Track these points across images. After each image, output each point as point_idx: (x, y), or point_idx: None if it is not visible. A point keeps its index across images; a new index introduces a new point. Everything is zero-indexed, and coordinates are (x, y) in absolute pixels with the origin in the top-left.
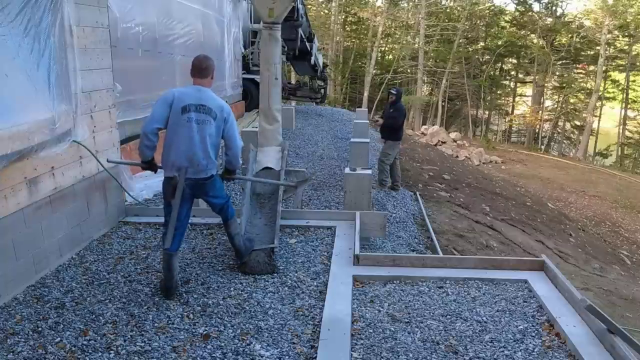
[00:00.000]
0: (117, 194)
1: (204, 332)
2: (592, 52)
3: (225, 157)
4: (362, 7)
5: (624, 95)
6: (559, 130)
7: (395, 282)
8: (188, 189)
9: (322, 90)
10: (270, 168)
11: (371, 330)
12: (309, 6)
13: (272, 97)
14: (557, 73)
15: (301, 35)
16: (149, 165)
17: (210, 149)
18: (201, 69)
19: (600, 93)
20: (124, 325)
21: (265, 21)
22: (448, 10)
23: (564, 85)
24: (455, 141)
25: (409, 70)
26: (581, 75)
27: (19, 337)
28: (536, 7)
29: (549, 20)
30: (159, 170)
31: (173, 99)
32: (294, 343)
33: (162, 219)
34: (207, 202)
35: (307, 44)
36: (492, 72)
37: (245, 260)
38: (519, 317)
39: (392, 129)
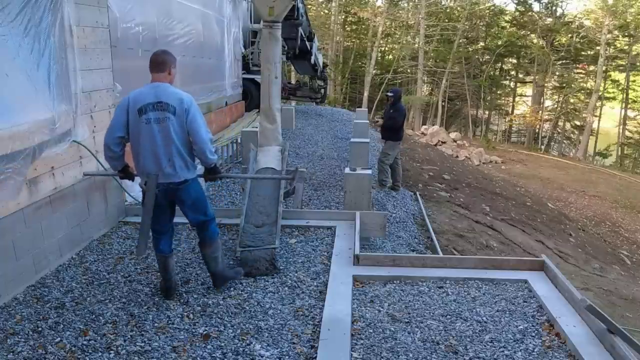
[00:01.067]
0: (117, 194)
1: (204, 332)
2: (592, 52)
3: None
4: (362, 7)
5: (624, 95)
6: (559, 130)
7: (395, 282)
8: (162, 197)
9: (322, 90)
10: (271, 168)
11: (371, 330)
12: (309, 6)
13: (272, 97)
14: (557, 73)
15: (301, 34)
16: (124, 174)
17: (180, 146)
18: (157, 64)
19: (600, 93)
20: (124, 325)
21: (265, 20)
22: (448, 10)
23: (564, 85)
24: (455, 141)
25: (409, 70)
26: (581, 75)
27: (19, 337)
28: (536, 7)
29: (549, 20)
30: (136, 178)
31: (129, 103)
32: (294, 343)
33: None
34: (184, 214)
35: (307, 43)
36: (492, 72)
37: (221, 283)
38: (519, 317)
39: (392, 130)
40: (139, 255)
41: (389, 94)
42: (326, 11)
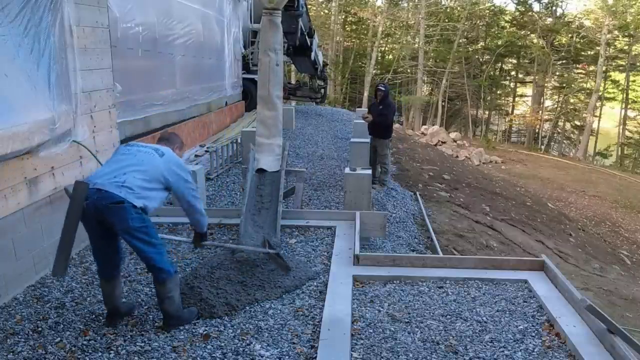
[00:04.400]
0: None
1: (204, 332)
2: (592, 52)
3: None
4: (362, 7)
5: (624, 95)
6: (559, 130)
7: (395, 282)
8: (90, 214)
9: (322, 90)
10: (270, 172)
11: (371, 330)
12: (309, 6)
13: (272, 83)
14: (557, 73)
15: (301, 27)
16: None
17: (141, 175)
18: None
19: (600, 93)
20: (124, 325)
21: (265, 7)
22: (448, 10)
23: (564, 85)
24: (455, 141)
25: (409, 70)
26: (581, 75)
27: (19, 337)
28: (536, 7)
29: (549, 20)
30: None
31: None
32: (294, 343)
33: (162, 220)
34: (127, 241)
35: (307, 39)
36: (492, 72)
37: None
38: (519, 317)
39: (382, 127)
40: (55, 275)
41: (381, 87)
42: (326, 11)
